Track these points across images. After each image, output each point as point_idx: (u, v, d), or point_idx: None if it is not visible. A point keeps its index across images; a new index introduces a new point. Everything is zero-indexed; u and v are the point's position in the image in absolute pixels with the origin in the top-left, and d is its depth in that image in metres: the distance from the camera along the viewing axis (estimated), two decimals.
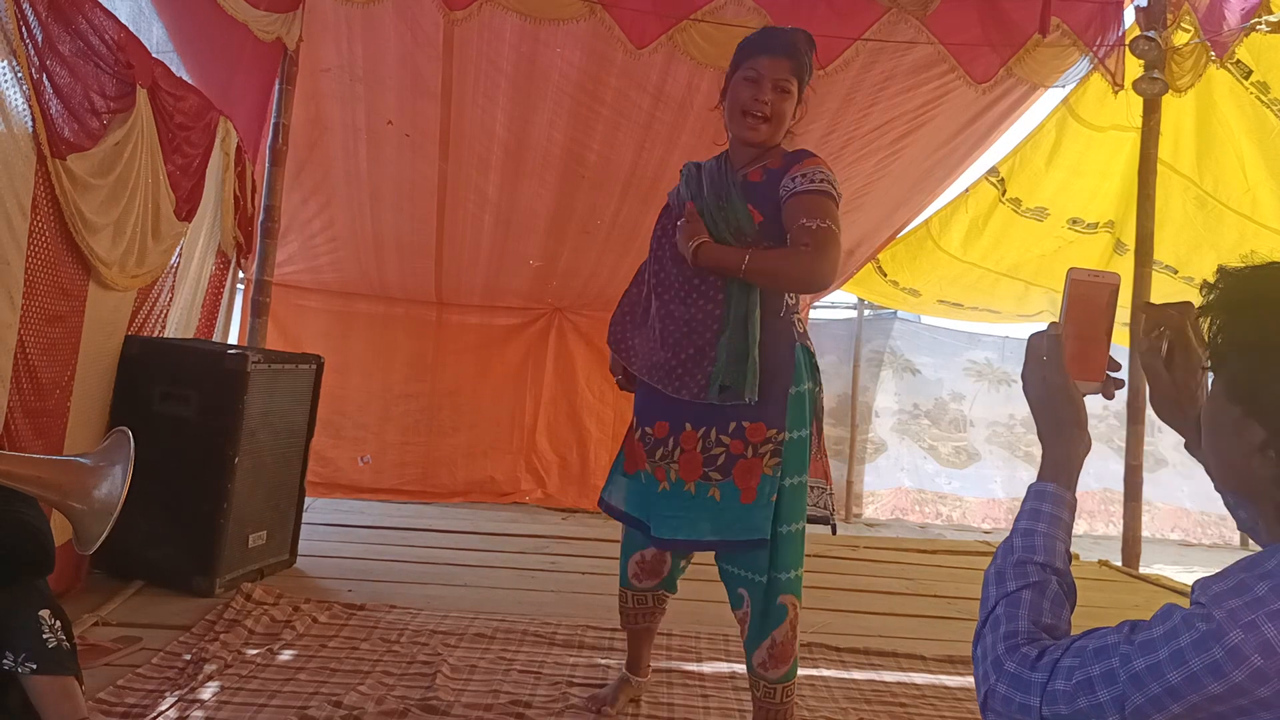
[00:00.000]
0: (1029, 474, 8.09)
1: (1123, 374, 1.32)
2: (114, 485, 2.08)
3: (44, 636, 1.97)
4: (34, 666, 1.95)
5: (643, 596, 2.62)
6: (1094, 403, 1.30)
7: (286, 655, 2.92)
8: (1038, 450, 1.29)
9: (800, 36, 2.42)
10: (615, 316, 2.55)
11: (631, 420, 2.50)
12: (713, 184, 2.39)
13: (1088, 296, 1.27)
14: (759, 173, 2.37)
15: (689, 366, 2.32)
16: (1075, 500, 1.24)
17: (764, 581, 2.33)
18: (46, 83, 2.69)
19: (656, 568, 2.57)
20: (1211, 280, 1.10)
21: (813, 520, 2.50)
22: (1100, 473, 7.73)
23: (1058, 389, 1.25)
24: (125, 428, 2.17)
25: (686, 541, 2.38)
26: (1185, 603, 1.05)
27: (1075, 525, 1.26)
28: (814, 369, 2.42)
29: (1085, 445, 1.25)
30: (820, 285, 2.27)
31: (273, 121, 5.15)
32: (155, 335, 3.83)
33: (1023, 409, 8.24)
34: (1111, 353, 1.30)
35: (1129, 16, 5.65)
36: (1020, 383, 1.30)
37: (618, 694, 2.70)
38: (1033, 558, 1.19)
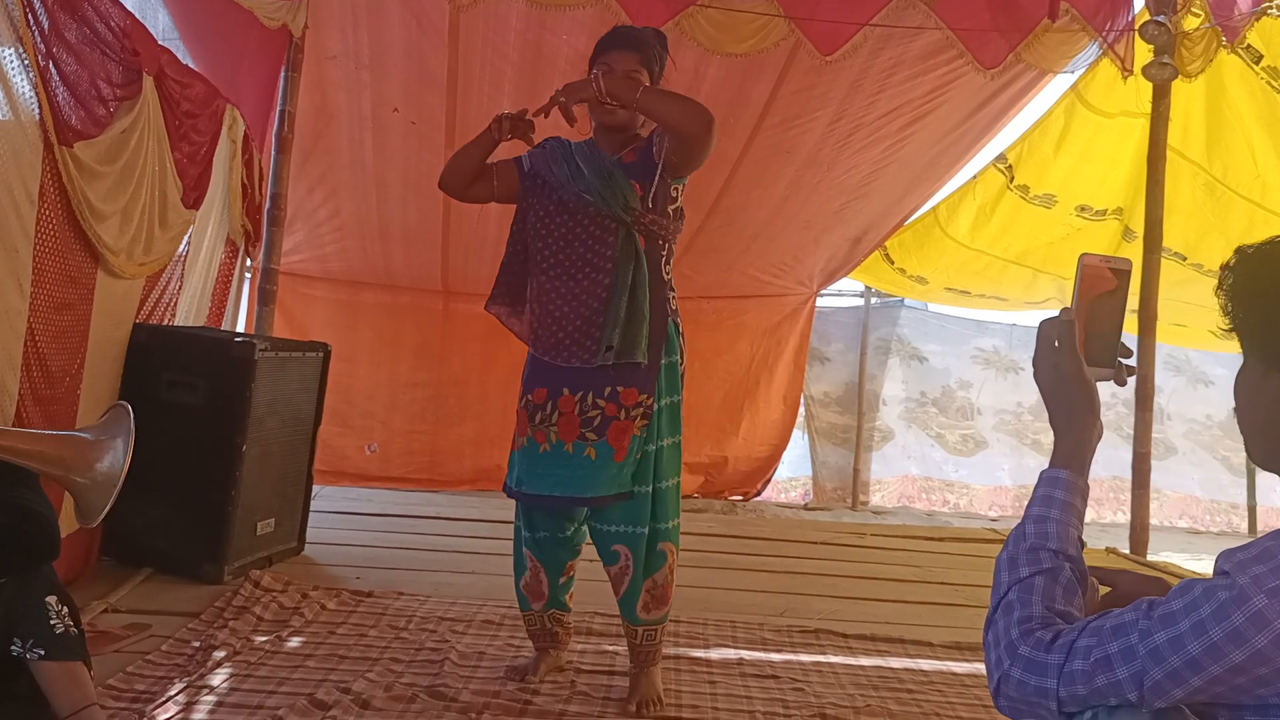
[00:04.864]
0: (1036, 462, 8.06)
1: (1132, 360, 1.30)
2: (115, 458, 2.08)
3: (51, 623, 1.98)
4: (42, 652, 1.96)
5: (539, 619, 2.76)
6: (1103, 390, 1.29)
7: (295, 642, 2.93)
8: (1045, 438, 1.29)
9: (648, 33, 2.71)
10: (495, 296, 2.75)
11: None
12: (590, 165, 2.60)
13: (1100, 281, 1.26)
14: (632, 154, 2.63)
15: (577, 337, 2.55)
16: (1088, 486, 1.23)
17: (644, 533, 2.57)
18: (53, 70, 2.69)
19: (537, 589, 2.73)
20: (1229, 262, 1.10)
21: None
22: (1109, 460, 7.69)
23: (1070, 375, 1.24)
24: (124, 402, 2.18)
25: (556, 498, 2.58)
26: None
27: None
28: (682, 343, 2.69)
29: (1098, 432, 1.24)
30: (702, 125, 2.48)
31: (279, 109, 5.14)
32: (165, 323, 3.84)
33: (1030, 397, 8.22)
34: (1123, 339, 1.29)
35: (1139, 1, 5.61)
36: (1030, 369, 1.29)
37: (539, 664, 2.77)
38: (1045, 544, 1.18)
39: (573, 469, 2.53)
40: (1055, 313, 1.27)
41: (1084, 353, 1.24)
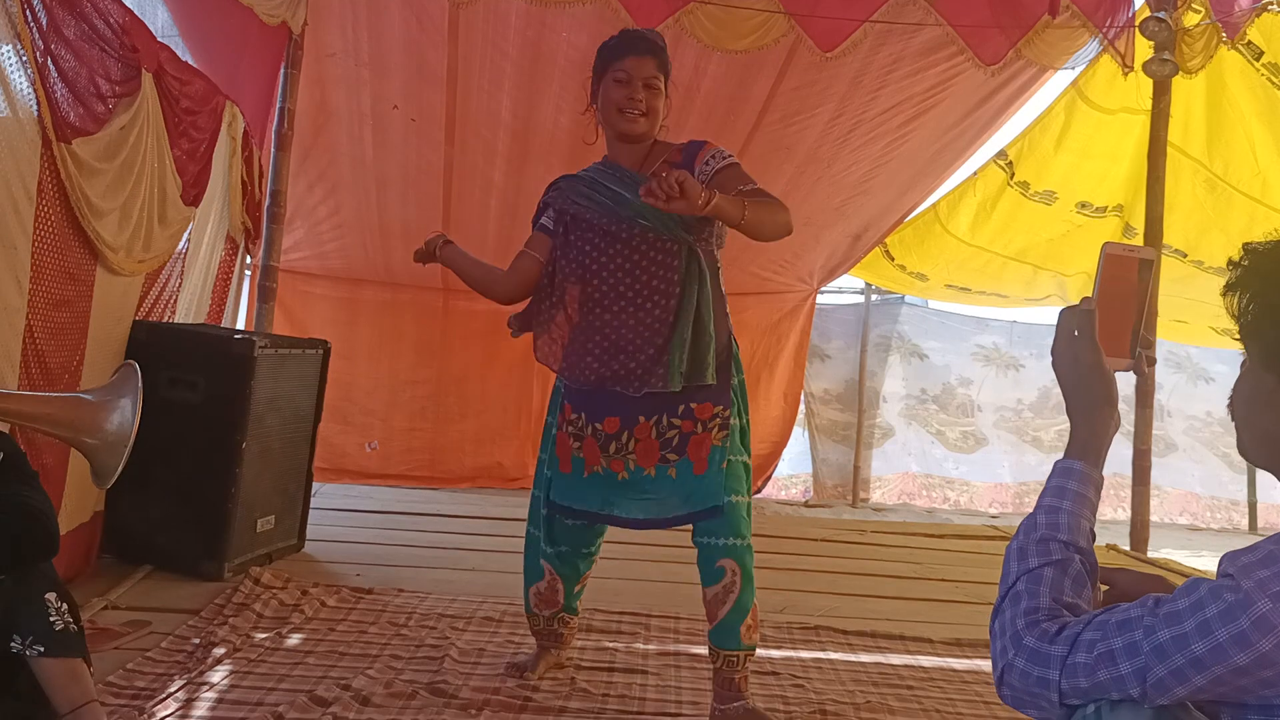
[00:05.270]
0: (1037, 458, 8.06)
1: (1153, 351, 1.29)
2: (124, 417, 2.08)
3: (51, 619, 1.97)
4: (41, 649, 1.96)
5: (544, 620, 2.75)
6: None
7: (295, 639, 2.93)
8: (1045, 435, 1.28)
9: (656, 35, 2.61)
10: (542, 343, 2.59)
11: (568, 419, 2.55)
12: (632, 188, 2.43)
13: (1122, 271, 1.24)
14: (665, 169, 2.45)
15: (650, 365, 2.43)
16: (1102, 479, 1.22)
17: (749, 545, 2.49)
18: (51, 67, 2.68)
19: (551, 598, 2.72)
20: (1237, 258, 1.09)
21: None
22: (1109, 457, 7.65)
23: (1089, 366, 1.23)
24: (132, 361, 2.19)
25: (655, 520, 2.50)
26: None
27: None
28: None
29: (1115, 423, 1.24)
30: (789, 232, 2.42)
31: (278, 106, 5.14)
32: (165, 320, 3.83)
33: (1030, 393, 8.23)
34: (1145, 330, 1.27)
35: None
36: (1049, 359, 1.28)
37: (539, 661, 2.76)
38: (1056, 535, 1.18)
39: (658, 492, 2.46)
40: (1072, 303, 1.26)
41: (1104, 343, 1.22)
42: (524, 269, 2.62)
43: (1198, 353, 8.30)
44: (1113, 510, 7.84)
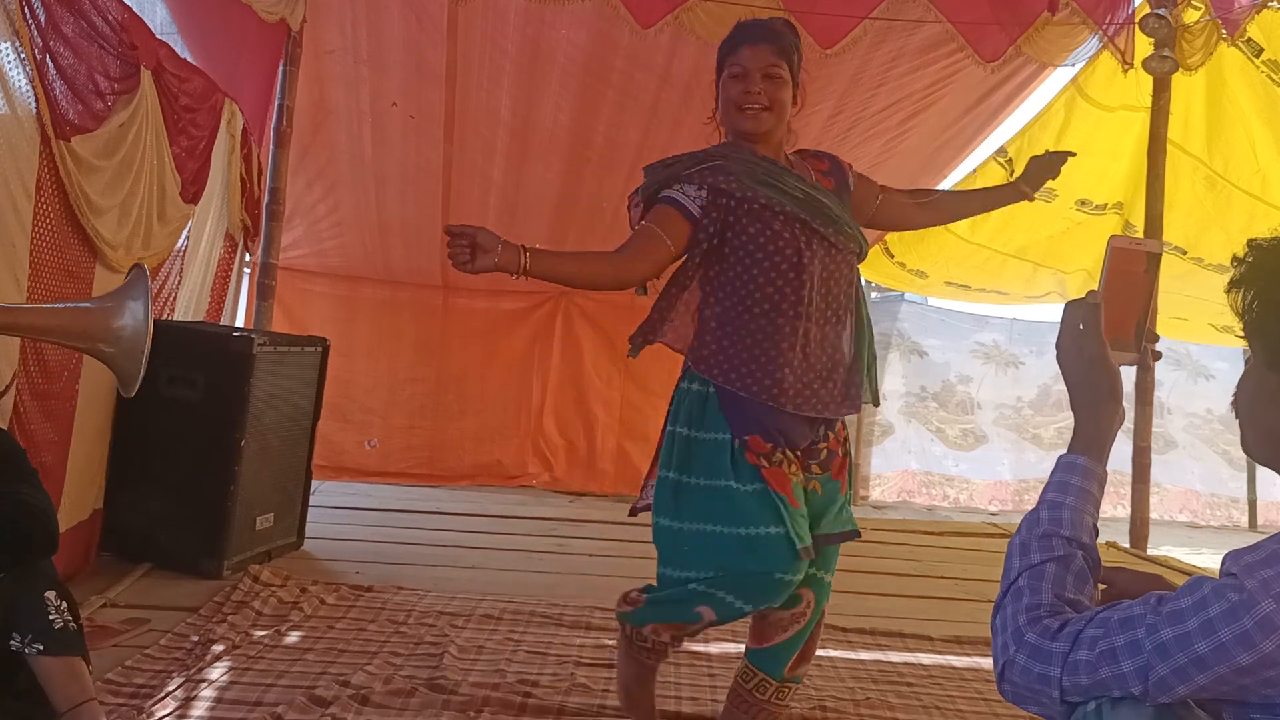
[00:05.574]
0: (1037, 456, 8.06)
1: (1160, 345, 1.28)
2: (136, 320, 2.07)
3: (50, 618, 1.97)
4: (41, 647, 1.96)
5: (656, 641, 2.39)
6: None
7: (294, 636, 2.93)
8: (1045, 432, 1.28)
9: (779, 22, 2.29)
10: (733, 353, 2.15)
11: (762, 453, 2.13)
12: (817, 188, 2.22)
13: (1128, 264, 1.23)
14: (826, 178, 2.29)
15: (844, 386, 2.21)
16: (1105, 474, 1.22)
17: (830, 581, 2.31)
18: (50, 64, 2.68)
19: (683, 635, 2.39)
20: (1241, 254, 1.08)
21: None
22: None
23: (1094, 360, 1.22)
24: (141, 264, 2.18)
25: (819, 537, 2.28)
26: None
27: None
28: None
29: (1119, 418, 1.23)
30: None
31: (277, 104, 5.13)
32: (164, 318, 3.83)
33: (1030, 391, 8.22)
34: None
35: None
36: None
37: (650, 682, 2.46)
38: (1059, 531, 1.17)
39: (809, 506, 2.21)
40: (1077, 298, 1.25)
41: (1109, 336, 1.21)
42: (657, 255, 2.15)
43: (1198, 350, 8.30)
44: (1112, 507, 7.83)
